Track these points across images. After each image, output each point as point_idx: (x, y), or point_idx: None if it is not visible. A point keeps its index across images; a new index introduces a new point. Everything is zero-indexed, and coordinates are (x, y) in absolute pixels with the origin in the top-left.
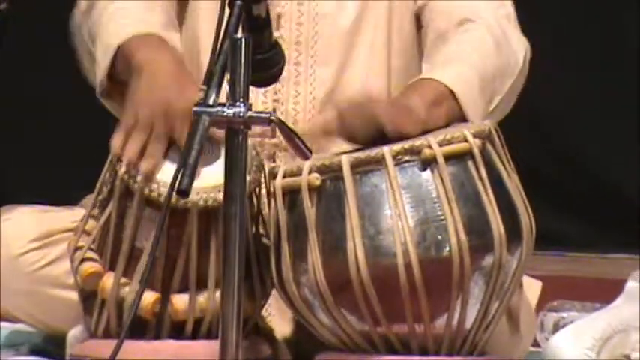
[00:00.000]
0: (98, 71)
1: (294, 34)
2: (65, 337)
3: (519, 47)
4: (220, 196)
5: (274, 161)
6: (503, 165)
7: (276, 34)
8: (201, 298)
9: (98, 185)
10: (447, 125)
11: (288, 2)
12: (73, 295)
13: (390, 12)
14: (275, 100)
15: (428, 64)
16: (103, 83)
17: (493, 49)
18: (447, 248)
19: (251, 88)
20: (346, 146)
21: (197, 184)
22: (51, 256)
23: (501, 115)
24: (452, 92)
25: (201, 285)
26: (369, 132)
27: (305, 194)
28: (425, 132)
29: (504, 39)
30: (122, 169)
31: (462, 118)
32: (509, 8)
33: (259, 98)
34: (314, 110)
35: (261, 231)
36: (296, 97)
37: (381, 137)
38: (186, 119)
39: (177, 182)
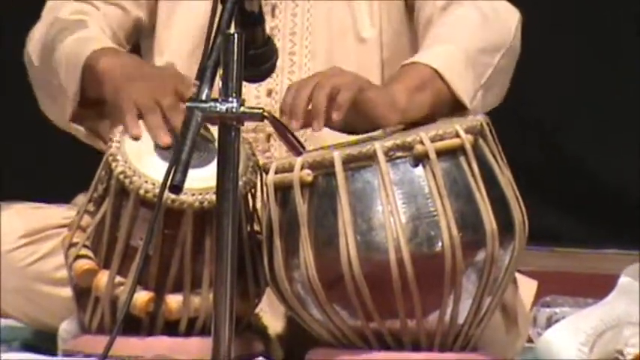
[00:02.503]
0: (67, 95)
1: (288, 25)
2: (56, 334)
3: (510, 17)
4: (215, 197)
5: (269, 150)
6: (496, 160)
7: (271, 25)
8: (196, 299)
9: (94, 182)
10: (433, 108)
11: None
12: (64, 292)
13: (380, 4)
14: (269, 91)
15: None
16: (73, 105)
17: (479, 23)
18: (439, 244)
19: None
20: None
21: (192, 185)
22: (41, 251)
23: (502, 90)
24: (437, 72)
25: (196, 286)
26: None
27: (297, 190)
28: (413, 124)
29: (493, 12)
30: (118, 168)
31: (451, 96)
32: None
33: (252, 87)
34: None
35: (257, 230)
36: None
37: (358, 123)
38: (175, 89)
39: (170, 178)
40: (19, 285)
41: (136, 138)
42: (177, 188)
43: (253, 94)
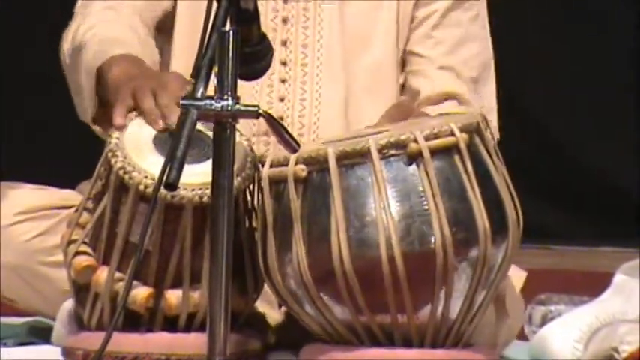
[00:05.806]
0: (85, 96)
1: (300, 37)
2: (50, 330)
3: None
4: None
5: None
6: (491, 158)
7: (282, 37)
8: (195, 294)
9: (92, 179)
10: None
11: (294, 5)
12: (60, 274)
13: (398, 20)
14: (281, 98)
15: None
16: (92, 106)
17: None
18: (432, 242)
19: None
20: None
21: (192, 180)
22: (40, 229)
23: None
24: None
25: (195, 280)
26: None
27: (291, 185)
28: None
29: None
30: (117, 164)
31: None
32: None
33: (265, 92)
34: (320, 106)
35: (255, 226)
36: (302, 94)
37: None
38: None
39: (165, 176)
40: (17, 261)
41: (119, 128)
42: (172, 186)
43: (265, 100)
